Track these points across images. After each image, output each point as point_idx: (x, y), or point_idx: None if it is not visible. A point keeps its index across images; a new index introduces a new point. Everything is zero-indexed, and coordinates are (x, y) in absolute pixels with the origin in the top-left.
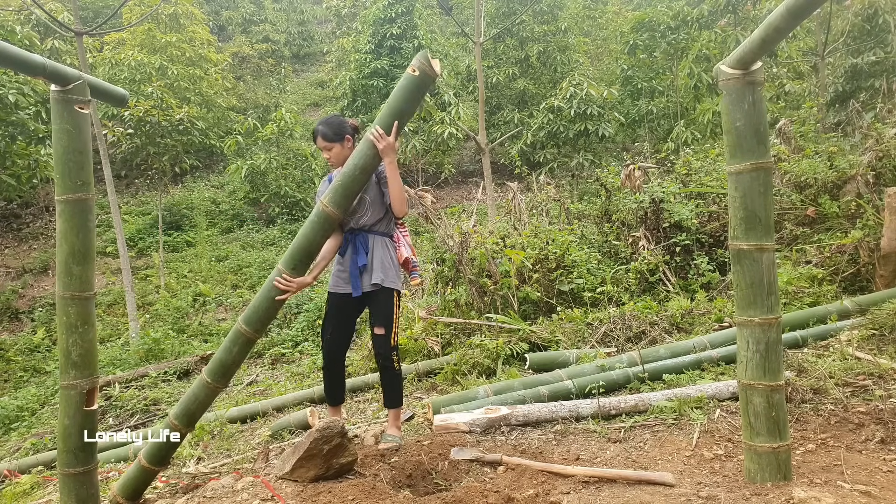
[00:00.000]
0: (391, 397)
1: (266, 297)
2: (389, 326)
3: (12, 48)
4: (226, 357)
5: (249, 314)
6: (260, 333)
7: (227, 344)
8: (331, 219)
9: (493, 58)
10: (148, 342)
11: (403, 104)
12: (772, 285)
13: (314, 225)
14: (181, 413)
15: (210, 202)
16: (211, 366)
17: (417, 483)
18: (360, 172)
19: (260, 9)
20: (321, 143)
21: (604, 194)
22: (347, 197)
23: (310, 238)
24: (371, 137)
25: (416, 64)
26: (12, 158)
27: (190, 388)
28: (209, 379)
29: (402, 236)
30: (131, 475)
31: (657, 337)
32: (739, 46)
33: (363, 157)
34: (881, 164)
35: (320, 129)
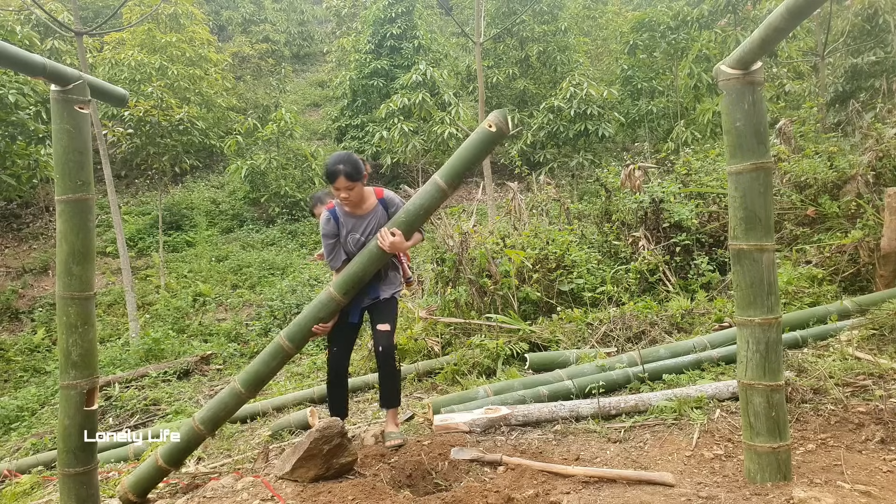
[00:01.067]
0: (391, 395)
1: (312, 316)
2: (394, 324)
3: (12, 48)
4: (262, 369)
5: (293, 331)
6: (299, 349)
7: (266, 357)
8: (391, 254)
9: (493, 58)
10: (148, 342)
11: (473, 156)
12: (772, 285)
13: (372, 256)
14: (207, 418)
15: (210, 202)
16: (245, 376)
17: (417, 483)
18: (424, 213)
19: (260, 9)
20: (344, 184)
21: (604, 194)
22: (409, 233)
23: (366, 268)
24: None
25: (494, 120)
26: (12, 158)
27: (218, 394)
28: (242, 388)
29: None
30: (144, 472)
31: (657, 337)
32: (739, 46)
33: (430, 198)
34: (881, 164)
35: (342, 170)
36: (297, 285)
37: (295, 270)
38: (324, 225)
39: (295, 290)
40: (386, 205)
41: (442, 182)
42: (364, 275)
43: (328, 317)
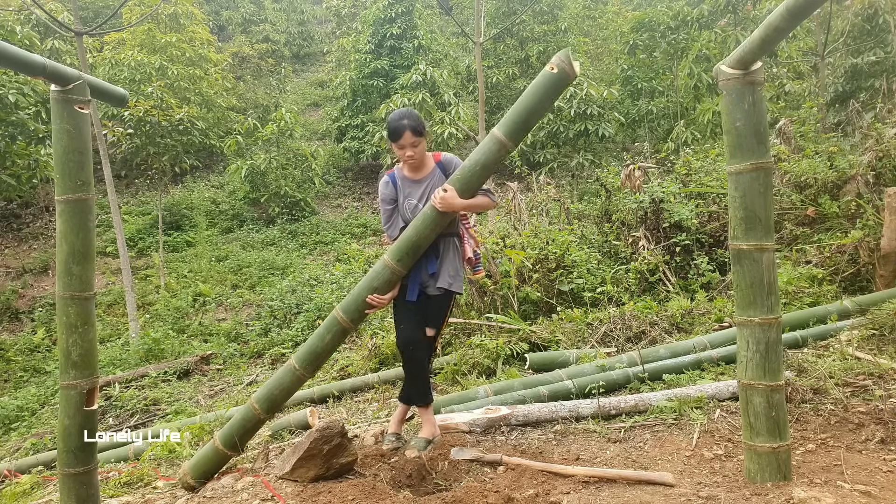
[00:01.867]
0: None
1: (367, 285)
2: (439, 329)
3: (12, 48)
4: (317, 344)
5: (347, 301)
6: (356, 325)
7: (322, 331)
8: (447, 216)
9: (493, 58)
10: (148, 342)
11: (536, 103)
12: (772, 285)
13: (426, 219)
14: (263, 397)
15: (210, 202)
16: (301, 353)
17: (417, 483)
18: (482, 169)
19: (260, 9)
20: (411, 139)
21: (604, 194)
22: (466, 192)
23: (420, 233)
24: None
25: (556, 62)
26: (12, 158)
27: (276, 373)
28: (297, 365)
29: (465, 230)
30: (204, 456)
31: (657, 337)
32: (739, 46)
33: (486, 153)
34: (881, 164)
35: (408, 124)
36: (297, 285)
37: (295, 270)
38: (382, 189)
39: (295, 290)
40: (444, 167)
41: (500, 134)
42: (418, 240)
43: (383, 287)
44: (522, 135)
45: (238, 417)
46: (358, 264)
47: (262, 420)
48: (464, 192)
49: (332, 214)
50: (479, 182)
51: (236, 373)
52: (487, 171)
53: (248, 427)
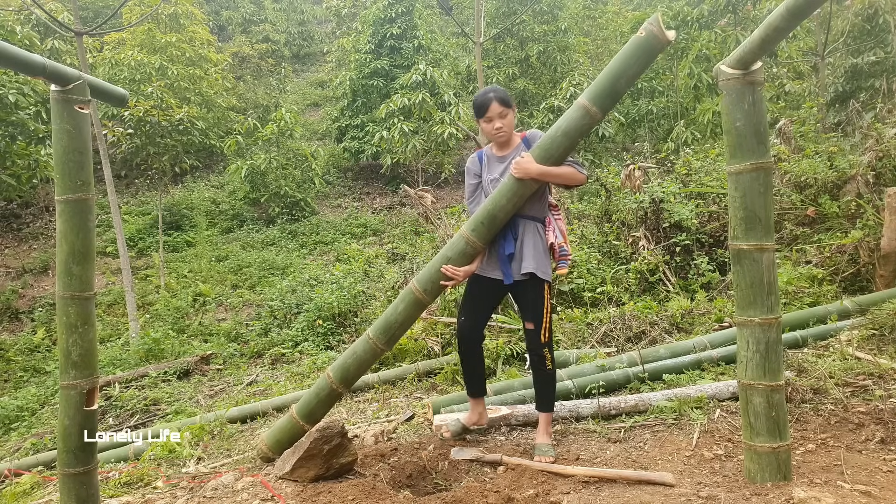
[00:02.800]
0: (545, 400)
1: (442, 255)
2: (540, 321)
3: (12, 48)
4: (391, 315)
5: (423, 274)
6: (431, 297)
7: (396, 302)
8: (526, 185)
9: (493, 58)
10: (148, 342)
11: (623, 69)
12: (772, 285)
13: (504, 189)
14: (338, 367)
15: (210, 202)
16: (376, 324)
17: (417, 483)
18: (563, 136)
19: (260, 9)
20: (498, 110)
21: (604, 194)
22: (547, 160)
23: (497, 202)
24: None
25: (645, 26)
26: (12, 158)
27: (352, 344)
28: (371, 335)
29: (553, 220)
30: (282, 428)
31: (657, 337)
32: (739, 46)
33: (571, 120)
34: (881, 164)
35: (495, 95)
36: (297, 285)
37: (295, 270)
38: (469, 164)
39: (295, 290)
40: (528, 142)
41: (586, 102)
42: (494, 209)
43: (457, 258)
44: (609, 102)
45: (313, 388)
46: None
47: (336, 391)
48: (544, 161)
49: (332, 214)
50: (561, 150)
51: (236, 373)
52: (570, 138)
53: (321, 397)
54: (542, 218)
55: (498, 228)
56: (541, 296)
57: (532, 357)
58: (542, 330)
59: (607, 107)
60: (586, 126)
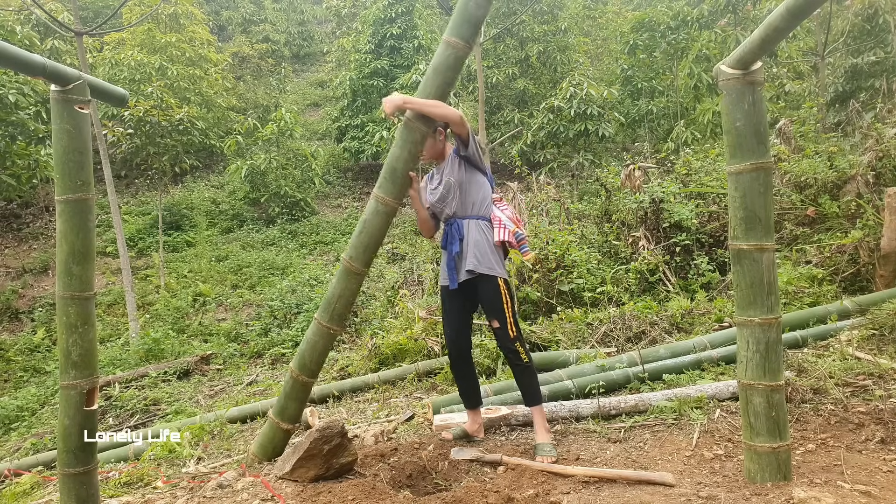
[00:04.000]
0: (529, 394)
1: (361, 223)
2: (503, 317)
3: (12, 48)
4: (329, 292)
5: (350, 245)
6: (361, 265)
7: (333, 281)
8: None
9: (493, 58)
10: (148, 342)
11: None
12: (772, 285)
13: (398, 140)
14: (296, 357)
15: (210, 202)
16: (320, 305)
17: (417, 483)
18: (433, 72)
19: (260, 9)
20: None
21: (604, 194)
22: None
23: (394, 154)
24: None
25: None
26: (12, 158)
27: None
28: (317, 316)
29: (500, 213)
30: (265, 436)
31: (657, 337)
32: (739, 46)
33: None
34: (881, 164)
35: None
36: (297, 285)
37: (295, 270)
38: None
39: (295, 290)
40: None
41: (447, 36)
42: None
43: (372, 219)
44: (466, 29)
45: (284, 388)
46: None
47: (299, 380)
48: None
49: (332, 214)
50: (434, 87)
51: (236, 373)
52: (438, 73)
53: (288, 391)
54: (485, 216)
55: (401, 180)
56: (497, 292)
57: (506, 354)
58: (508, 325)
59: (466, 34)
60: (451, 57)
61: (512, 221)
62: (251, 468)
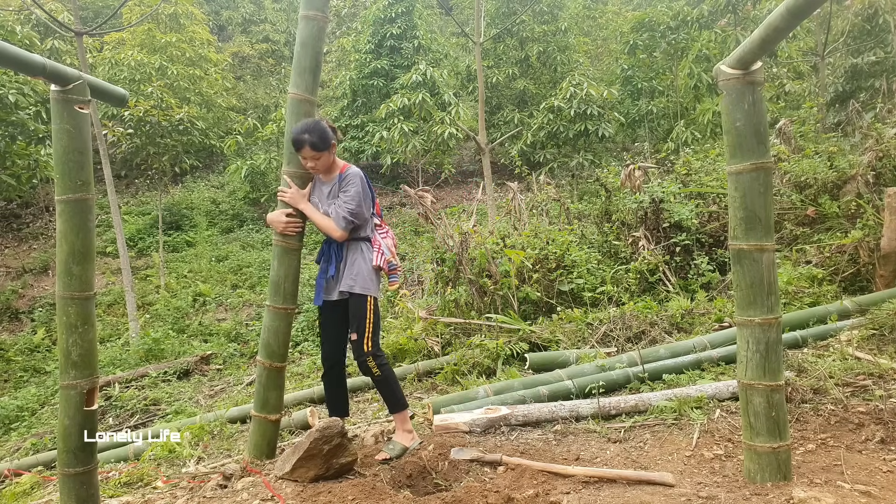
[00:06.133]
0: (389, 403)
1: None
2: (362, 331)
3: (12, 48)
4: (273, 275)
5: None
6: (291, 241)
7: (272, 262)
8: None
9: (493, 58)
10: (148, 342)
11: None
12: (772, 285)
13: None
14: (260, 346)
15: (210, 202)
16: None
17: (417, 483)
18: (301, 47)
19: (260, 9)
20: (309, 153)
21: (604, 194)
22: (300, 75)
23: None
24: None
25: None
26: (12, 158)
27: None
28: (269, 301)
29: (380, 238)
30: (255, 434)
31: (657, 337)
32: (739, 46)
33: (300, 32)
34: (881, 164)
35: (307, 139)
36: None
37: None
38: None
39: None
40: (341, 180)
41: (302, 11)
42: None
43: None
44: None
45: (258, 383)
46: None
47: (271, 368)
48: (301, 77)
49: None
50: (307, 60)
51: (236, 373)
52: (307, 47)
53: (263, 381)
54: (366, 237)
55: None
56: (363, 308)
57: (359, 365)
58: (365, 339)
59: (318, 4)
60: (314, 29)
61: (389, 251)
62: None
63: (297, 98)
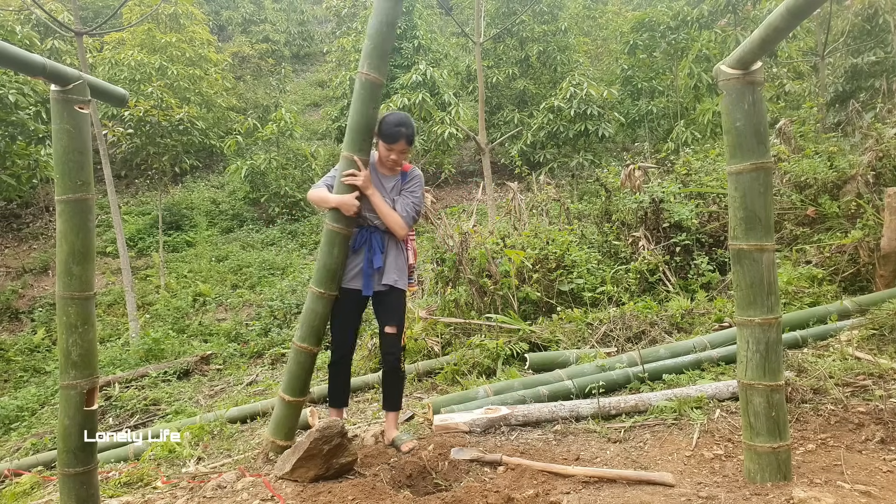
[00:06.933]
0: (393, 399)
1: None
2: (401, 326)
3: (12, 48)
4: (328, 260)
5: (335, 213)
6: (350, 228)
7: (325, 248)
8: (375, 85)
9: (493, 58)
10: (148, 342)
11: None
12: (772, 285)
13: (362, 97)
14: (304, 328)
15: (210, 202)
16: (318, 276)
17: (417, 483)
18: (387, 27)
19: (260, 9)
20: (403, 147)
21: (604, 194)
22: (374, 49)
23: (363, 112)
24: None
25: None
26: (12, 158)
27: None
28: (319, 287)
29: (410, 240)
30: (279, 416)
31: (657, 337)
32: (739, 46)
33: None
34: (881, 164)
35: (405, 133)
36: (297, 285)
37: (295, 270)
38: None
39: (295, 290)
40: (404, 177)
41: None
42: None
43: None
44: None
45: (290, 363)
46: None
47: (314, 353)
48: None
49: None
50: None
51: (236, 373)
52: (391, 26)
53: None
54: None
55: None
56: (404, 304)
57: (390, 359)
58: (403, 334)
59: None
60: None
61: (413, 254)
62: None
63: (370, 80)
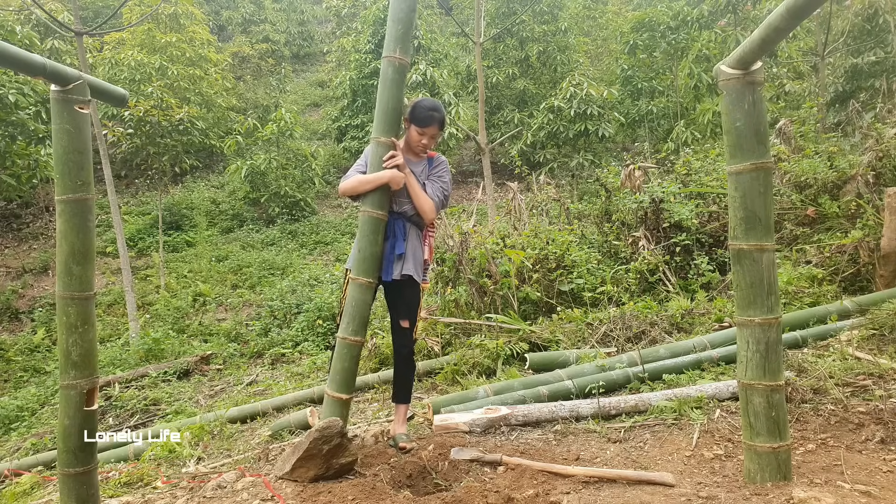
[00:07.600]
0: (405, 392)
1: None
2: (414, 319)
3: (12, 48)
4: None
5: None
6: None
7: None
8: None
9: (493, 58)
10: (148, 342)
11: None
12: (772, 285)
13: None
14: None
15: (210, 202)
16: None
17: (417, 483)
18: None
19: (260, 9)
20: (435, 131)
21: (604, 194)
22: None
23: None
24: None
25: None
26: (12, 158)
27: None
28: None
29: (429, 235)
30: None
31: (657, 337)
32: (739, 46)
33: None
34: (881, 164)
35: (438, 117)
36: (297, 285)
37: (295, 270)
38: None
39: (295, 290)
40: (431, 163)
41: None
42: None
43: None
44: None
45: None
46: None
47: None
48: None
49: (332, 214)
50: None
51: (236, 373)
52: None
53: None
54: (422, 226)
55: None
56: (419, 297)
57: (403, 352)
58: (415, 329)
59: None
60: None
61: (430, 251)
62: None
63: (403, 63)
